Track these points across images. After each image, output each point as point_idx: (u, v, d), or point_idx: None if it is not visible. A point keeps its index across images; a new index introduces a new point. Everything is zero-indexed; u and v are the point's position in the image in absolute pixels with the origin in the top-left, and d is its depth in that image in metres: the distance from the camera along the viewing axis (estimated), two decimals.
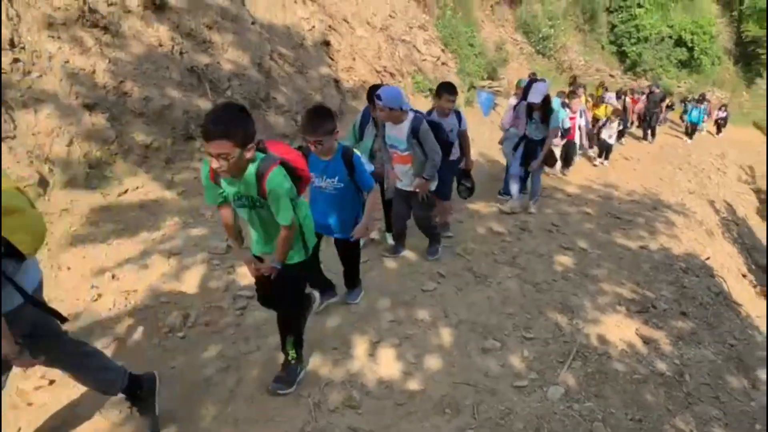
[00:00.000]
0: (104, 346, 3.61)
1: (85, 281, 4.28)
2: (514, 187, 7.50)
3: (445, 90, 5.45)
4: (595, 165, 11.74)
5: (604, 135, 11.97)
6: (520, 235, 6.54)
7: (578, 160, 11.19)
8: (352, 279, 4.35)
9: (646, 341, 4.43)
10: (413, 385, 3.51)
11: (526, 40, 20.80)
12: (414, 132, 4.46)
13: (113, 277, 4.36)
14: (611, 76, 23.11)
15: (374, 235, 5.82)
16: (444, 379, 3.58)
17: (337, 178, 3.66)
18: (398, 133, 4.55)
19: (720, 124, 20.28)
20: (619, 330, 4.53)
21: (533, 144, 7.16)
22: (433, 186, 4.81)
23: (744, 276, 9.62)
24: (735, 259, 10.02)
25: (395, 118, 4.46)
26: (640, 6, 23.53)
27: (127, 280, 4.34)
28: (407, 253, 5.37)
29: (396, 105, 4.35)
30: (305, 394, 3.27)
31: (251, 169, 2.70)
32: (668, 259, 6.47)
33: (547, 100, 6.90)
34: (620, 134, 14.40)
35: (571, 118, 10.01)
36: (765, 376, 4.38)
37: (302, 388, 3.32)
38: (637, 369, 3.99)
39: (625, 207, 8.68)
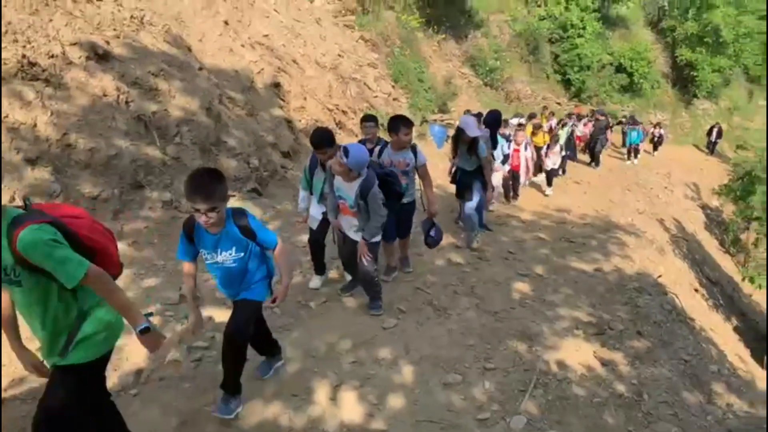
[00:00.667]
0: None
1: (30, 343, 4.09)
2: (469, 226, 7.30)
3: (403, 124, 5.30)
4: (546, 195, 11.76)
5: (548, 163, 11.86)
6: (477, 265, 6.61)
7: (525, 189, 11.20)
8: (268, 350, 3.79)
9: (605, 363, 4.50)
10: (376, 426, 3.46)
11: (474, 72, 21.38)
12: (363, 193, 4.31)
13: None
14: (558, 103, 23.90)
15: (333, 273, 5.79)
16: (407, 418, 3.55)
17: (234, 248, 3.13)
18: (348, 189, 4.43)
19: (656, 143, 21.07)
20: (578, 354, 4.58)
21: (466, 175, 7.04)
22: (378, 238, 4.66)
23: (696, 290, 9.92)
24: (686, 274, 10.34)
25: (349, 178, 4.34)
26: (580, 36, 24.53)
27: None
28: None
29: (357, 168, 4.24)
30: None
31: (3, 228, 2.17)
32: (622, 280, 6.63)
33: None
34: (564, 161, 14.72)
35: (515, 150, 10.09)
36: (720, 390, 4.49)
37: None
38: (597, 392, 4.03)
39: (578, 231, 8.88)
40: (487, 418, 3.59)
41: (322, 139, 4.87)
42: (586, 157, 16.75)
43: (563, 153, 12.48)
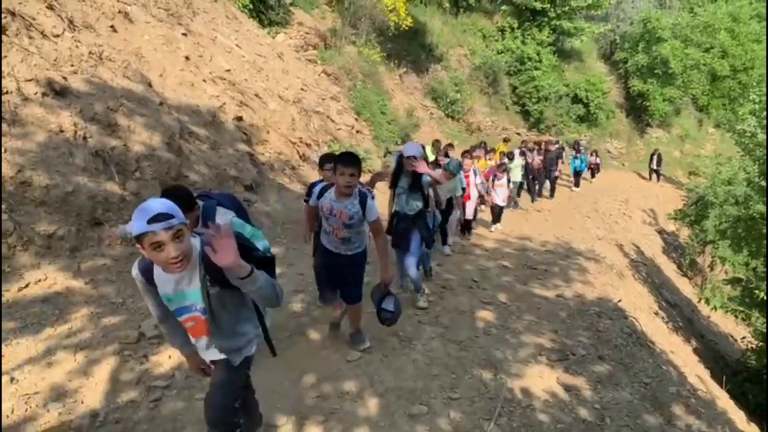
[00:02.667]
0: None
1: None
2: (417, 281, 6.03)
3: (342, 163, 4.02)
4: (491, 231, 10.95)
5: (495, 198, 10.73)
6: (442, 294, 6.65)
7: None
8: None
9: (568, 389, 4.55)
10: None
11: (436, 105, 21.78)
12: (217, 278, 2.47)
13: (12, 380, 4.03)
14: (518, 133, 24.46)
15: (297, 306, 5.74)
16: None
17: None
18: (188, 284, 2.49)
19: (593, 170, 21.14)
20: (542, 380, 4.63)
21: (405, 221, 5.68)
22: (253, 349, 2.88)
23: (656, 314, 10.14)
24: (646, 298, 10.56)
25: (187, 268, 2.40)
26: (537, 68, 25.28)
27: (28, 383, 4.03)
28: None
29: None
30: None
31: None
32: (583, 305, 6.75)
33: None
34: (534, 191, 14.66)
35: (465, 176, 9.06)
36: (680, 412, 4.57)
37: None
38: (561, 418, 4.07)
39: (540, 257, 9.03)
40: None
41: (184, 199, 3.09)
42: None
43: (511, 186, 11.59)
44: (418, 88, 21.64)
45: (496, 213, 11.05)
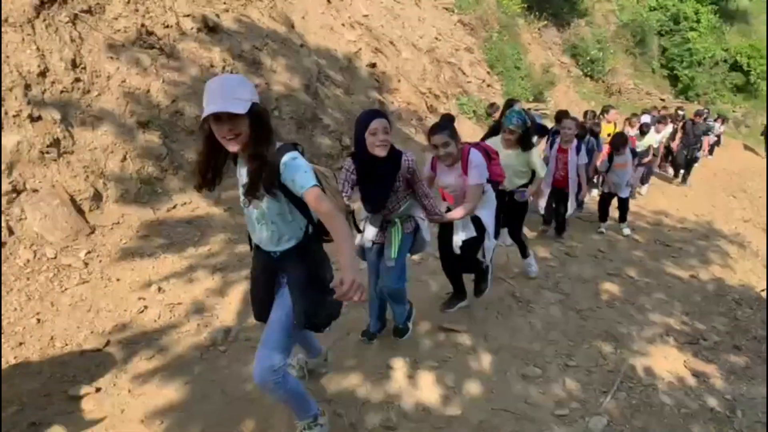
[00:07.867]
0: (149, 357, 3.71)
1: (133, 293, 4.41)
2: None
3: None
4: (600, 232, 7.76)
5: (614, 184, 7.72)
6: (564, 261, 6.43)
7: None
8: None
9: (696, 374, 4.26)
10: (451, 409, 3.46)
11: (574, 62, 20.61)
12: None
13: (159, 290, 4.48)
14: (662, 99, 22.59)
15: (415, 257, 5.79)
16: (482, 404, 3.52)
17: None
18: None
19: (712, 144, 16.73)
20: (667, 361, 4.37)
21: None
22: None
23: None
24: None
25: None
26: (693, 29, 23.01)
27: (173, 294, 4.45)
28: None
29: None
30: (342, 414, 3.27)
31: None
32: (721, 290, 6.24)
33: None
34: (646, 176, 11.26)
35: (560, 151, 6.76)
36: None
37: (339, 407, 3.32)
38: (686, 403, 3.83)
39: (675, 235, 8.42)
40: (566, 414, 3.50)
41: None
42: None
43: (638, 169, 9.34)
44: (557, 43, 20.55)
45: (619, 208, 7.90)
